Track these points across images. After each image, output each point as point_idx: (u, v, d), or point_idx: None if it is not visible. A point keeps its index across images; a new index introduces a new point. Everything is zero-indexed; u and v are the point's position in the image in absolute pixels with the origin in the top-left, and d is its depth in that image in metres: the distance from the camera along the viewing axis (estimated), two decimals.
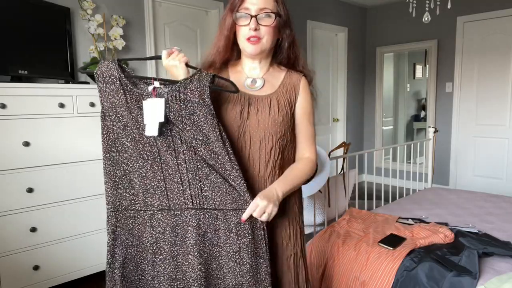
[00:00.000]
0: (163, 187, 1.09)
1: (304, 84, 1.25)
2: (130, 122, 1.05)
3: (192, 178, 1.07)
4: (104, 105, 1.05)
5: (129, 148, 1.07)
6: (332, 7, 4.86)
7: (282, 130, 1.18)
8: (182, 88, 1.05)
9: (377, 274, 1.80)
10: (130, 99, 1.05)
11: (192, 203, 1.08)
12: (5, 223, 2.11)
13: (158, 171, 1.08)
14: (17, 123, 2.11)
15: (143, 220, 1.10)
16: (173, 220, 1.09)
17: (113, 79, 1.04)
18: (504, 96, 4.28)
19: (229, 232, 1.08)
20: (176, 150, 1.06)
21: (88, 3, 2.61)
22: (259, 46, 1.15)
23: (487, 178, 4.47)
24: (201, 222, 1.08)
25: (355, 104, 5.44)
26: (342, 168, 3.01)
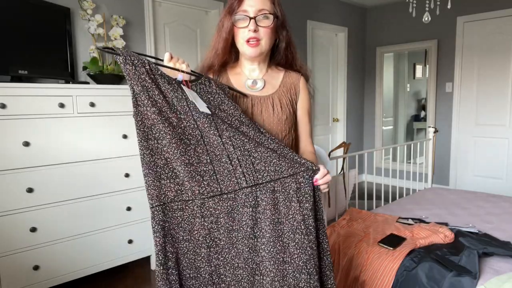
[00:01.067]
0: (211, 171, 1.01)
1: (303, 83, 1.29)
2: (165, 106, 0.98)
3: (241, 155, 1.01)
4: (135, 89, 0.97)
5: (167, 134, 0.98)
6: (332, 7, 4.86)
7: (287, 128, 1.21)
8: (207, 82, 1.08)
9: (377, 274, 1.80)
10: (162, 82, 0.99)
11: (246, 181, 1.02)
12: (5, 223, 2.11)
13: (203, 154, 1.01)
14: (17, 123, 2.11)
15: (192, 211, 1.01)
16: (227, 205, 1.02)
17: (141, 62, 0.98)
18: (504, 96, 4.28)
19: (289, 201, 1.02)
20: (219, 128, 1.01)
21: (88, 3, 2.61)
22: (258, 48, 1.16)
23: (487, 178, 4.47)
24: (259, 199, 1.02)
25: (355, 104, 5.44)
26: (342, 168, 3.01)
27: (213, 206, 1.01)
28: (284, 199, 1.02)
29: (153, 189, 0.98)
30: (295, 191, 1.02)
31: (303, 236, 1.02)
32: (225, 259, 1.03)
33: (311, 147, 1.29)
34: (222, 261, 1.03)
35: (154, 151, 0.98)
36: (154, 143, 0.98)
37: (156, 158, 0.98)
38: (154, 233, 0.98)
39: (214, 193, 1.01)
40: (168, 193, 0.99)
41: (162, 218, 0.99)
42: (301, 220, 1.02)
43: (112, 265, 2.54)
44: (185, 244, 1.01)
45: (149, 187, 0.98)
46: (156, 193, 0.98)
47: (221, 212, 1.02)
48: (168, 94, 1.00)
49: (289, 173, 1.03)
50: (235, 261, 1.03)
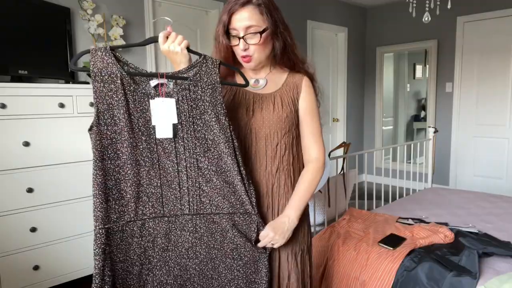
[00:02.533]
0: (158, 194, 1.03)
1: (306, 82, 1.27)
2: (128, 126, 0.97)
3: (191, 185, 1.04)
4: (100, 108, 0.94)
5: (123, 154, 0.98)
6: (332, 7, 4.86)
7: (287, 126, 1.21)
8: (192, 86, 1.01)
9: (377, 274, 1.80)
10: (132, 101, 0.97)
11: (189, 209, 1.06)
12: (5, 223, 2.11)
13: (155, 177, 1.02)
14: (17, 123, 2.11)
15: (131, 231, 1.02)
16: (166, 227, 1.05)
17: (113, 78, 0.94)
18: (504, 96, 4.28)
19: (225, 232, 1.08)
20: (178, 157, 1.02)
21: (88, 3, 2.61)
22: (252, 63, 1.20)
23: (487, 178, 4.47)
24: (198, 226, 1.07)
25: (355, 104, 5.44)
26: (342, 168, 3.01)
27: (153, 226, 1.04)
28: (221, 230, 1.08)
29: (100, 211, 0.96)
30: (231, 226, 1.08)
31: (233, 260, 1.10)
32: (155, 275, 1.06)
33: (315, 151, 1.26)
34: (152, 277, 1.06)
35: (106, 171, 0.97)
36: (108, 163, 0.97)
37: (107, 179, 0.97)
38: (95, 255, 0.96)
39: (156, 215, 1.03)
40: (111, 215, 0.98)
41: (105, 241, 0.97)
42: (234, 248, 1.09)
43: None
44: (121, 265, 1.02)
45: (96, 209, 0.96)
46: (102, 215, 0.96)
47: (159, 232, 1.04)
48: (135, 114, 0.98)
49: (228, 211, 1.08)
50: (164, 277, 1.07)
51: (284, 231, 1.14)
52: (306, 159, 1.27)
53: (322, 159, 1.26)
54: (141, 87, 0.98)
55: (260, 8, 1.14)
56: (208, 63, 1.02)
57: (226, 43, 1.18)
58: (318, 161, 1.26)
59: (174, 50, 1.06)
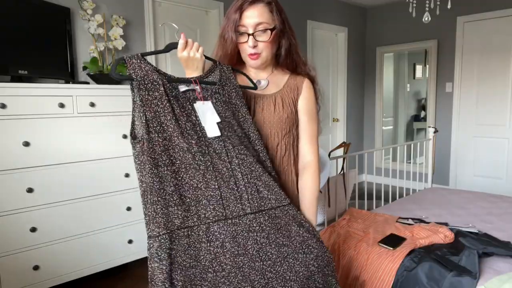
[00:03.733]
0: (218, 196, 1.02)
1: (307, 84, 1.30)
2: (177, 131, 0.99)
3: (247, 182, 1.05)
4: (147, 116, 0.96)
5: (177, 159, 0.99)
6: (332, 7, 4.86)
7: (287, 127, 1.23)
8: (220, 90, 1.08)
9: (377, 274, 1.79)
10: (177, 106, 1.00)
11: (250, 207, 1.05)
12: (5, 223, 2.11)
13: (212, 180, 1.02)
14: (17, 123, 2.11)
15: (198, 236, 1.00)
16: (231, 230, 1.02)
17: (155, 85, 0.97)
18: (504, 96, 4.28)
19: (289, 226, 1.09)
20: (229, 155, 1.04)
21: (88, 3, 2.61)
22: (259, 61, 1.21)
23: (487, 178, 4.47)
24: (263, 224, 1.06)
25: (355, 104, 5.44)
26: (342, 168, 3.01)
27: (218, 230, 1.02)
28: (285, 224, 1.09)
29: (161, 217, 0.96)
30: (293, 217, 1.10)
31: (305, 255, 1.09)
32: (231, 283, 1.02)
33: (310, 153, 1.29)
34: (229, 285, 1.02)
35: (163, 178, 0.97)
36: (164, 170, 0.97)
37: (165, 185, 0.97)
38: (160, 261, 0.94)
39: (219, 218, 1.02)
40: (175, 220, 0.98)
41: (169, 246, 0.96)
42: (301, 240, 1.09)
43: (112, 265, 2.54)
44: (192, 270, 0.99)
45: (157, 215, 0.95)
46: (164, 221, 0.96)
47: (226, 236, 1.02)
48: (182, 118, 1.01)
49: (288, 202, 1.11)
50: (241, 284, 1.03)
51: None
52: (301, 161, 1.29)
53: (316, 162, 1.28)
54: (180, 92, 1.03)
55: (270, 6, 1.17)
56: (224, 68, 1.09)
57: (234, 40, 1.18)
58: (313, 164, 1.28)
59: (194, 57, 1.11)
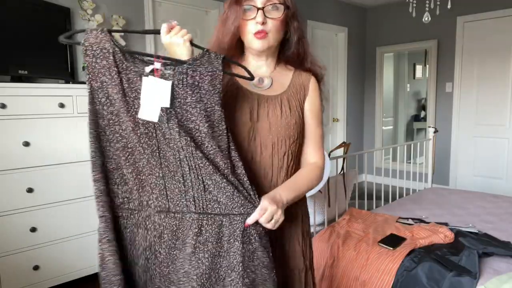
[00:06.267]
0: (162, 186, 0.93)
1: (313, 83, 1.17)
2: (124, 108, 0.88)
3: (195, 178, 0.92)
4: (93, 85, 0.88)
5: (122, 138, 0.91)
6: (332, 7, 4.86)
7: (296, 134, 1.09)
8: (190, 71, 0.90)
9: (377, 274, 1.80)
10: (125, 80, 0.88)
11: (195, 206, 0.94)
12: (5, 223, 2.11)
13: (156, 167, 0.92)
14: (17, 123, 2.11)
15: (136, 221, 0.96)
16: (172, 223, 0.95)
17: (105, 53, 0.86)
18: (504, 96, 4.28)
19: (233, 239, 0.94)
20: (178, 144, 0.90)
21: (88, 3, 2.61)
22: (266, 41, 1.05)
23: (487, 178, 4.47)
24: (203, 228, 0.94)
25: (355, 104, 5.44)
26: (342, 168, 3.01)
27: (158, 221, 0.95)
28: (228, 235, 0.94)
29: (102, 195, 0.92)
30: (241, 232, 0.94)
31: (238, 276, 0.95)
32: (162, 272, 0.98)
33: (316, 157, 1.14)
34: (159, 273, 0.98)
35: (105, 154, 0.92)
36: (106, 145, 0.92)
37: (107, 161, 0.93)
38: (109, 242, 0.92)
39: (161, 208, 0.94)
40: (115, 199, 0.94)
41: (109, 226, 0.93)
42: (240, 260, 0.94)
43: None
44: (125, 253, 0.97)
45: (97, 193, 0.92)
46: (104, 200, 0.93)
47: (165, 228, 0.95)
48: (131, 94, 0.89)
49: (240, 211, 0.93)
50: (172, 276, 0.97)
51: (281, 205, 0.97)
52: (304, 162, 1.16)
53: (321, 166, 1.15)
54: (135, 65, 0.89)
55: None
56: (211, 55, 0.94)
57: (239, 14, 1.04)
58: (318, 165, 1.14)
59: (176, 42, 0.98)
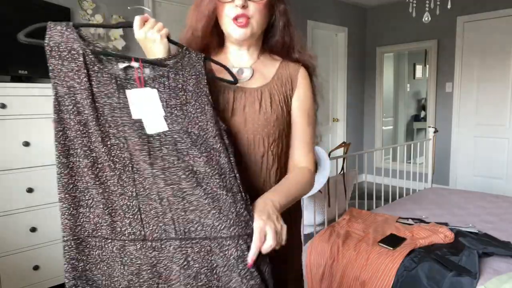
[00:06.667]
0: (135, 208, 0.77)
1: (303, 75, 1.01)
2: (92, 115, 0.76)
3: (172, 195, 0.76)
4: (59, 91, 0.76)
5: (91, 151, 0.77)
6: (332, 7, 4.86)
7: (276, 132, 0.94)
8: (172, 74, 0.81)
9: (377, 274, 1.80)
10: (96, 83, 0.76)
11: (175, 231, 0.76)
12: (5, 223, 2.11)
13: (129, 184, 0.77)
14: (17, 123, 2.11)
15: (111, 253, 0.79)
16: (151, 256, 0.78)
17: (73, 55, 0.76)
18: (504, 96, 4.28)
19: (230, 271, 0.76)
20: (152, 153, 0.77)
21: (88, 3, 2.61)
22: (248, 29, 0.91)
23: (487, 178, 4.47)
24: (190, 258, 0.76)
25: (355, 104, 5.44)
26: (342, 168, 3.01)
27: (134, 253, 0.78)
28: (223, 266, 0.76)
29: (68, 218, 0.78)
30: (236, 260, 0.75)
31: None
32: None
33: (306, 162, 0.99)
34: None
35: (74, 170, 0.77)
36: (76, 161, 0.77)
37: (76, 179, 0.77)
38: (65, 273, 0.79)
39: (136, 237, 0.78)
40: (86, 225, 0.78)
41: (75, 255, 0.79)
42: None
43: None
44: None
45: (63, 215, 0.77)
46: (71, 224, 0.78)
47: (143, 263, 0.78)
48: (100, 99, 0.77)
49: (230, 233, 0.75)
50: None
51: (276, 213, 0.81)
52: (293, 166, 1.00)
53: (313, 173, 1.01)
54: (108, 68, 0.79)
55: None
56: (192, 55, 0.84)
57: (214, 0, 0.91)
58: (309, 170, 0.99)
59: (151, 37, 0.86)
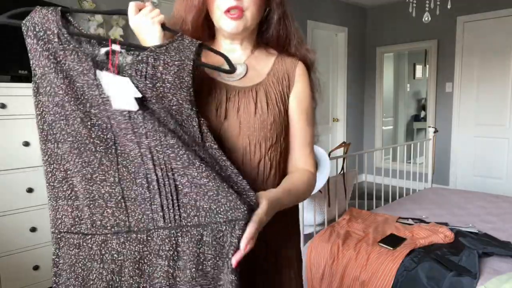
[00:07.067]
0: (118, 195, 0.70)
1: (301, 70, 0.94)
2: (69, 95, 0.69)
3: (162, 176, 0.69)
4: (37, 72, 0.71)
5: (68, 135, 0.70)
6: (332, 7, 4.86)
7: (274, 135, 0.86)
8: (151, 59, 0.72)
9: (377, 274, 1.80)
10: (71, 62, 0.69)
11: (164, 218, 0.69)
12: (5, 223, 2.11)
13: (111, 169, 0.69)
14: (17, 123, 2.11)
15: (90, 250, 0.71)
16: (134, 250, 0.70)
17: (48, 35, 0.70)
18: (504, 96, 4.28)
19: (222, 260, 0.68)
20: (137, 131, 0.68)
21: (88, 3, 2.61)
22: (241, 22, 0.84)
23: (487, 178, 4.47)
24: (180, 248, 0.69)
25: (355, 104, 5.44)
26: (342, 168, 3.01)
27: (116, 248, 0.70)
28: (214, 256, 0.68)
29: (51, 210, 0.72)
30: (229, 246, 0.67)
31: None
32: None
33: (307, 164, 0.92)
34: None
35: (53, 158, 0.72)
36: (53, 147, 0.72)
37: (54, 168, 0.72)
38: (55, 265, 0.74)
39: (120, 228, 0.70)
40: (65, 219, 0.72)
41: (55, 251, 0.73)
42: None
43: None
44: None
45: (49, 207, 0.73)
46: (53, 216, 0.72)
47: (126, 259, 0.70)
48: (78, 79, 0.69)
49: (227, 217, 0.67)
50: None
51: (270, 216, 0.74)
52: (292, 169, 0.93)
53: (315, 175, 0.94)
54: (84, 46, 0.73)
55: None
56: (185, 41, 0.76)
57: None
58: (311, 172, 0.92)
59: (144, 22, 0.82)
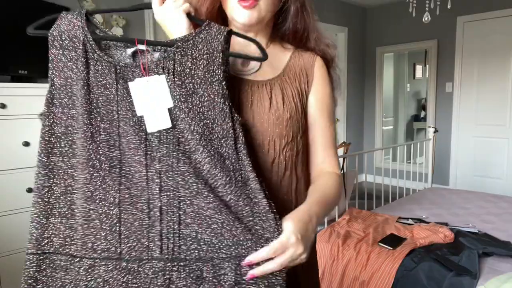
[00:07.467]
0: (115, 217, 0.64)
1: (320, 66, 0.88)
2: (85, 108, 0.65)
3: (167, 204, 0.64)
4: (55, 82, 0.67)
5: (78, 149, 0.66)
6: (332, 7, 4.86)
7: (290, 132, 0.80)
8: (178, 55, 0.68)
9: (377, 274, 1.80)
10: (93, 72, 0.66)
11: (161, 249, 0.63)
12: (5, 223, 2.11)
13: (112, 189, 0.64)
14: (17, 123, 2.11)
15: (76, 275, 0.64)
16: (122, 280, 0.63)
17: (74, 43, 0.67)
18: (504, 96, 4.28)
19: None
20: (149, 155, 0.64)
21: (88, 3, 2.61)
22: (255, 11, 0.78)
23: (487, 178, 4.47)
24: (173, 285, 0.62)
25: (355, 104, 5.44)
26: (342, 168, 3.01)
27: (103, 275, 0.64)
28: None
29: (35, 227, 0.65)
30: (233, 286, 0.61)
31: None
32: None
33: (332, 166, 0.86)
34: None
35: (54, 172, 0.67)
36: (58, 161, 0.67)
37: (54, 183, 0.67)
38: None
39: (109, 253, 0.64)
40: (54, 238, 0.65)
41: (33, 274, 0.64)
42: None
43: None
44: None
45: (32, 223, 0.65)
46: (37, 235, 0.65)
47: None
48: (96, 89, 0.66)
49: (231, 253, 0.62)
50: None
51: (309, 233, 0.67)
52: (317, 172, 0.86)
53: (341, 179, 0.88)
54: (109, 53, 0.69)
55: None
56: (212, 30, 0.69)
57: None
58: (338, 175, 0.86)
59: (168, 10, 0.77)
